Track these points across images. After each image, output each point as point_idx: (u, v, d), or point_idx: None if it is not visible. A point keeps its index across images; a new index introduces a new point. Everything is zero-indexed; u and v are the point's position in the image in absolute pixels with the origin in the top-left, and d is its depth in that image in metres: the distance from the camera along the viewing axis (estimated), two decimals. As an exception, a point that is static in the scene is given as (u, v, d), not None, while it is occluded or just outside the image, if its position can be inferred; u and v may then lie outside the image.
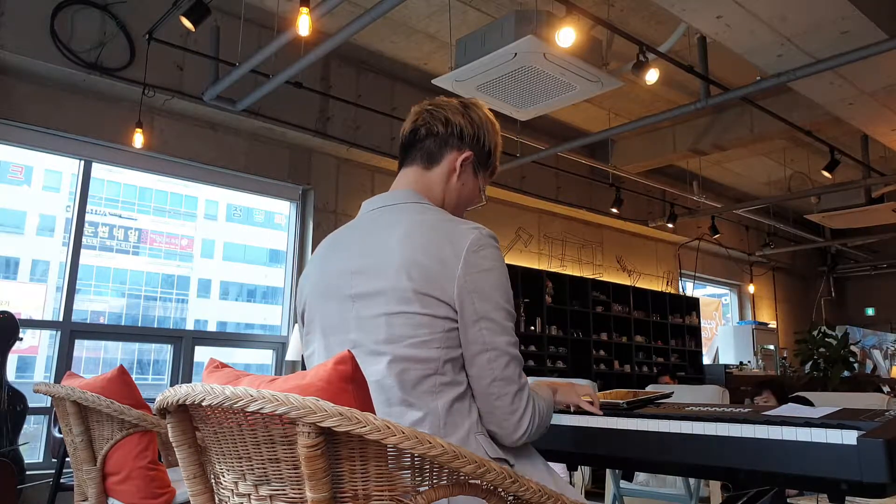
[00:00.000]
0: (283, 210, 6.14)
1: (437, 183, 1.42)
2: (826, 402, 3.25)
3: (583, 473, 3.57)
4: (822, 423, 1.21)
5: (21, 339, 4.12)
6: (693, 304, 9.37)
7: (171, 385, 1.56)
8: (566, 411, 1.62)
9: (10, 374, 4.16)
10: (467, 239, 1.25)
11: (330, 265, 1.36)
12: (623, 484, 3.42)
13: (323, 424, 0.80)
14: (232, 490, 0.98)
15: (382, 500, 0.87)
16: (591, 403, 1.60)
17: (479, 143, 1.44)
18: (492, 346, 1.23)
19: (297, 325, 5.51)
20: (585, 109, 6.79)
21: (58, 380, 4.48)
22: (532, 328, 7.24)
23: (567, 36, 3.73)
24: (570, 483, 3.34)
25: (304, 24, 3.66)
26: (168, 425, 0.99)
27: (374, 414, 0.83)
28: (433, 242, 1.25)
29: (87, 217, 4.93)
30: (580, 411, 1.60)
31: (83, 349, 4.88)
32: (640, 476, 3.47)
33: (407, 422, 1.19)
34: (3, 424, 3.91)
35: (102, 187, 5.48)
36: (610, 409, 1.59)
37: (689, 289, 9.73)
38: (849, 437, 1.15)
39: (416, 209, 1.35)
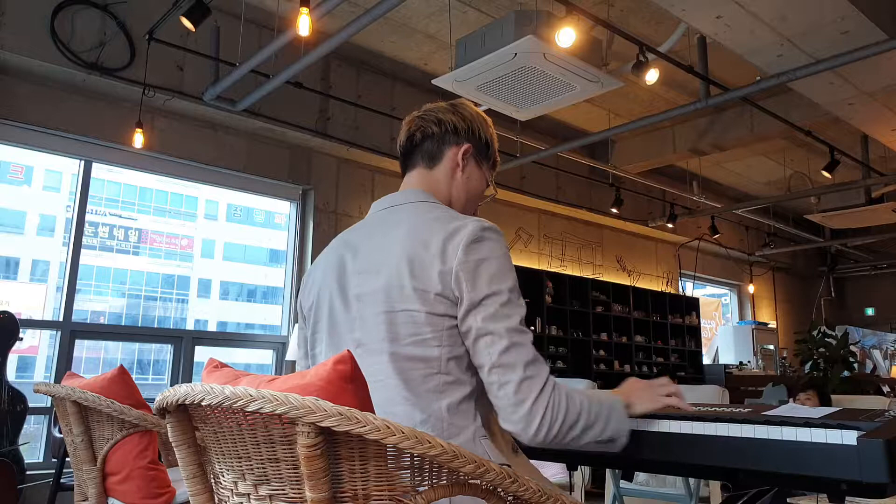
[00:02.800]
0: (283, 210, 6.13)
1: (442, 180, 1.44)
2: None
3: (583, 473, 3.57)
4: (822, 424, 1.21)
5: (21, 339, 4.12)
6: (693, 304, 9.36)
7: (171, 385, 1.56)
8: (652, 417, 1.35)
9: (11, 374, 4.16)
10: (465, 230, 1.24)
11: (336, 265, 1.37)
12: (623, 484, 3.42)
13: (322, 424, 0.80)
14: (231, 490, 0.98)
15: (382, 499, 0.87)
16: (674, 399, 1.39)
17: (474, 135, 1.46)
18: (487, 331, 1.19)
19: (296, 325, 5.51)
20: (585, 109, 6.79)
21: (58, 380, 4.48)
22: (532, 328, 7.24)
23: (567, 36, 3.73)
24: (570, 483, 3.35)
25: (304, 25, 3.66)
26: (168, 425, 0.99)
27: (374, 414, 0.83)
28: (433, 239, 1.25)
29: (88, 217, 4.93)
30: (672, 415, 1.33)
31: (83, 349, 4.88)
32: (640, 476, 3.46)
33: (409, 423, 1.18)
34: (4, 424, 3.91)
35: (102, 187, 5.48)
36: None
37: (689, 289, 9.72)
38: (849, 437, 1.15)
39: (421, 208, 1.35)
